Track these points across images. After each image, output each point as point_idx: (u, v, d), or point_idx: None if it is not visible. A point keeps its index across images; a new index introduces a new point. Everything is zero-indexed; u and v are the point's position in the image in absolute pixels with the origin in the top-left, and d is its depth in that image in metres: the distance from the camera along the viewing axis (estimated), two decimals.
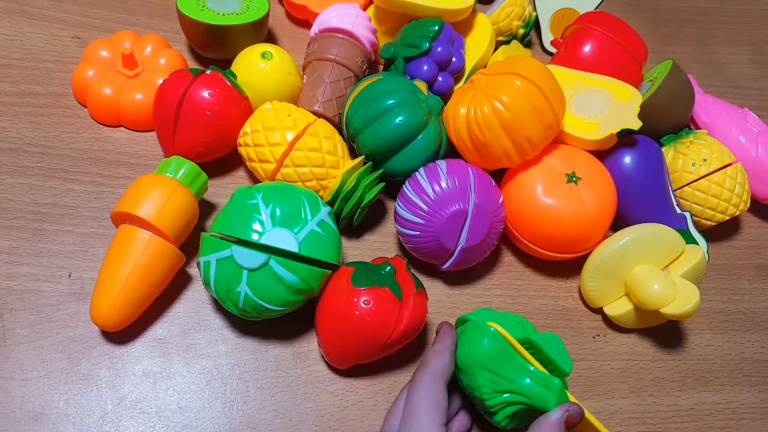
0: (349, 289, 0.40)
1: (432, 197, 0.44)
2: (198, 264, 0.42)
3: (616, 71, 0.53)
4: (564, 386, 0.35)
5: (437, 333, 0.41)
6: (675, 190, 0.52)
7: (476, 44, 0.57)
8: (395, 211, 0.47)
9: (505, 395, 0.36)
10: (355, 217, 0.47)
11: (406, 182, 0.47)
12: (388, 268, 0.42)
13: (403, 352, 0.45)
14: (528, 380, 0.36)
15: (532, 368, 0.36)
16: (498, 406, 0.37)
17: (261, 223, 0.39)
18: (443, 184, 0.44)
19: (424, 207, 0.44)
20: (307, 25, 0.63)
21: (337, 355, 0.42)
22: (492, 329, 0.37)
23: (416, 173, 0.47)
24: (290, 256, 0.39)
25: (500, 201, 0.46)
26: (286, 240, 0.39)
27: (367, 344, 0.40)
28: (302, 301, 0.41)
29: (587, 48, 0.55)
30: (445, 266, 0.46)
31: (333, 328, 0.41)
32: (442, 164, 0.46)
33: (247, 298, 0.39)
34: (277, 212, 0.40)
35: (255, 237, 0.39)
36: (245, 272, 0.38)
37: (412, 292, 0.41)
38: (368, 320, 0.39)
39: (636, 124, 0.48)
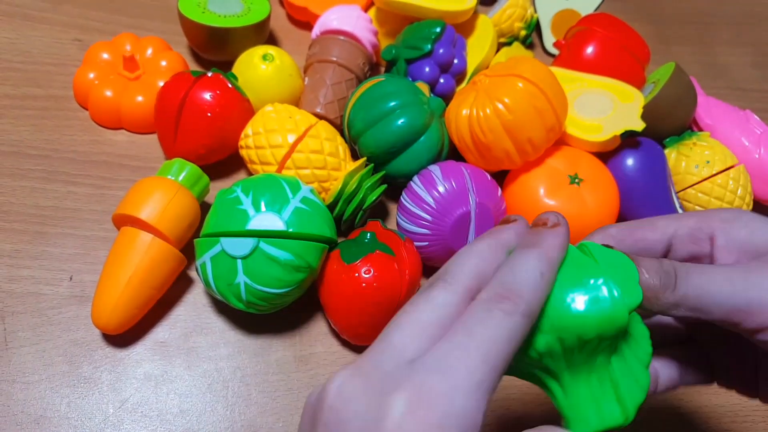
0: (345, 269, 0.41)
1: (433, 205, 0.44)
2: (197, 270, 0.42)
3: (618, 73, 0.53)
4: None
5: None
6: (678, 192, 0.52)
7: (478, 46, 0.57)
8: (398, 225, 0.47)
9: (541, 372, 0.24)
10: (357, 219, 0.47)
11: (404, 193, 0.47)
12: (369, 234, 0.43)
13: None
14: (586, 390, 0.24)
15: (604, 380, 0.24)
16: (520, 365, 0.25)
17: (244, 212, 0.39)
18: (441, 190, 0.44)
19: (428, 217, 0.44)
20: (308, 26, 0.63)
21: (362, 333, 0.42)
22: (623, 301, 0.23)
23: (411, 183, 0.47)
24: (280, 236, 0.39)
25: (499, 194, 0.47)
26: (271, 221, 0.39)
27: (385, 308, 0.41)
28: (305, 279, 0.41)
29: (590, 49, 0.55)
30: None
31: (348, 311, 0.41)
32: (435, 169, 0.46)
33: (248, 287, 0.39)
34: (259, 199, 0.40)
35: (241, 226, 0.39)
36: (239, 261, 0.39)
37: (400, 243, 0.43)
38: (376, 286, 0.40)
39: (639, 126, 0.48)
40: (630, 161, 0.50)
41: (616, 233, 0.28)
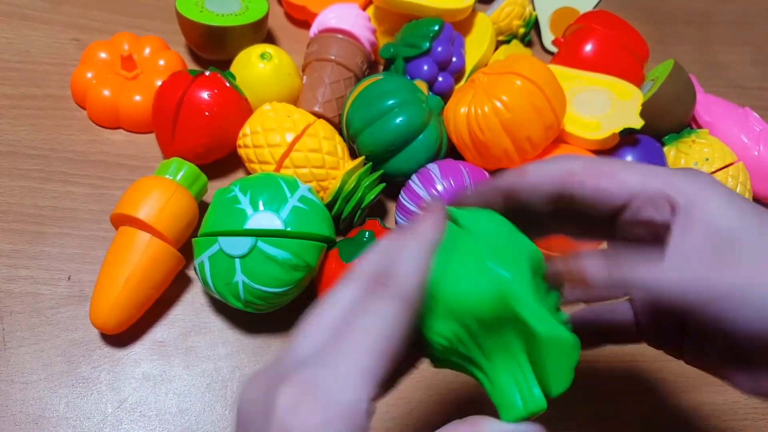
0: (344, 267, 0.41)
1: None
2: (195, 269, 0.42)
3: (618, 70, 0.53)
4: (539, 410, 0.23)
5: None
6: None
7: (477, 44, 0.57)
8: (397, 223, 0.47)
9: (463, 361, 0.24)
10: (355, 218, 0.47)
11: (402, 192, 0.47)
12: (368, 233, 0.43)
13: None
14: (507, 375, 0.23)
15: (523, 363, 0.23)
16: (441, 355, 0.24)
17: (242, 212, 0.39)
18: (439, 188, 0.44)
19: None
20: (306, 25, 0.63)
21: None
22: (508, 279, 0.22)
23: (410, 181, 0.46)
24: (278, 235, 0.39)
25: None
26: (269, 221, 0.39)
27: None
28: (303, 279, 0.41)
29: (588, 47, 0.55)
30: None
31: None
32: (434, 168, 0.46)
33: (246, 286, 0.39)
34: (257, 198, 0.40)
35: (239, 225, 0.39)
36: (237, 261, 0.39)
37: None
38: None
39: (638, 123, 0.48)
40: (629, 158, 0.50)
41: (580, 171, 0.25)
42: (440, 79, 0.53)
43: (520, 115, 0.44)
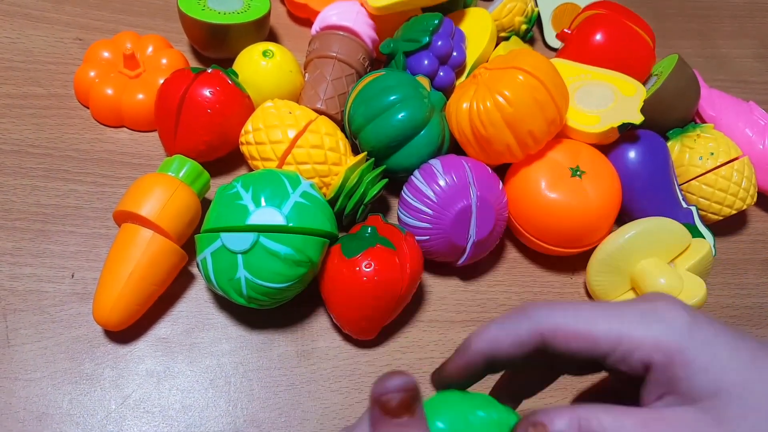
0: (346, 263, 0.41)
1: (434, 199, 0.44)
2: (197, 266, 0.42)
3: (631, 53, 0.52)
4: None
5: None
6: (681, 184, 0.52)
7: (477, 40, 0.57)
8: (399, 219, 0.47)
9: None
10: (358, 214, 0.47)
11: (405, 188, 0.47)
12: (370, 229, 0.43)
13: (408, 343, 0.44)
14: None
15: None
16: None
17: (244, 207, 0.39)
18: (442, 183, 0.44)
19: (429, 211, 0.44)
20: (308, 23, 0.63)
21: (364, 327, 0.43)
22: None
23: (412, 177, 0.46)
24: (280, 231, 0.39)
25: (500, 187, 0.46)
26: (271, 216, 0.39)
27: (386, 302, 0.41)
28: (305, 274, 0.40)
29: (599, 35, 0.53)
30: (459, 262, 0.46)
31: (349, 305, 0.42)
32: (436, 163, 0.46)
33: (248, 282, 0.39)
34: (259, 194, 0.40)
35: (241, 221, 0.39)
36: (239, 257, 0.39)
37: (401, 237, 0.43)
38: (377, 280, 0.40)
39: (637, 119, 0.47)
40: (632, 153, 0.50)
41: (552, 335, 0.24)
42: (441, 73, 0.53)
43: (522, 110, 0.44)
